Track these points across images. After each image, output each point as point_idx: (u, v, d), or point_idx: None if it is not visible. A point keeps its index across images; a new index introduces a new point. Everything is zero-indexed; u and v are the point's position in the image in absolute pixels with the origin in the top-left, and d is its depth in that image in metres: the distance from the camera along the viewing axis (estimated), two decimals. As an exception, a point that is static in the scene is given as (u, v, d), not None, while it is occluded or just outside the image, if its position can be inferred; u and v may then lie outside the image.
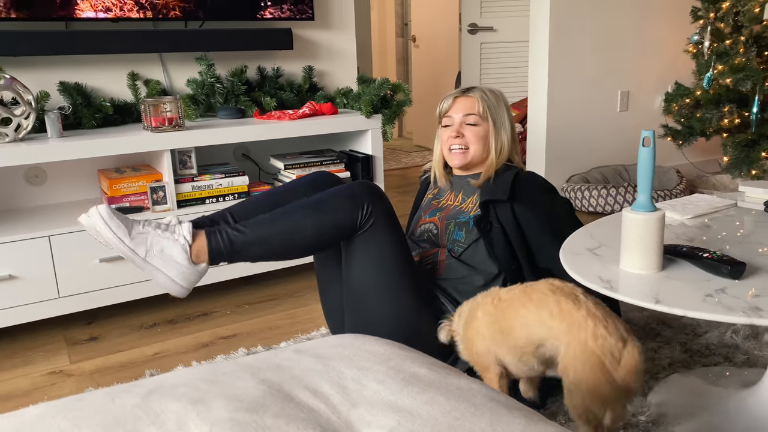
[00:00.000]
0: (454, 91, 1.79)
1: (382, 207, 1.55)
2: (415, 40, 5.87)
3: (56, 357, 1.98)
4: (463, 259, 1.68)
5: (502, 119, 1.75)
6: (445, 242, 1.72)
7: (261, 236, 1.49)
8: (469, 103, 1.74)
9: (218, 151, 2.66)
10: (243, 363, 0.90)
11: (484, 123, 1.73)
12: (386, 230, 1.55)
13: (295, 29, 2.78)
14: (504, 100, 1.78)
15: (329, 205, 1.53)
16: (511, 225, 1.65)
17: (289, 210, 1.53)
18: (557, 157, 3.59)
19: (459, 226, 1.71)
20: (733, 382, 1.61)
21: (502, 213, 1.66)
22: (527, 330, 1.24)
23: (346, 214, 1.52)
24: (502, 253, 1.64)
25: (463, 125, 1.74)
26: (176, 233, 1.44)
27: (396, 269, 1.56)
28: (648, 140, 1.19)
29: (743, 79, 2.99)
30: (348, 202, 1.52)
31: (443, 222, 1.74)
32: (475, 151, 1.74)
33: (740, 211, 1.62)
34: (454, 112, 1.76)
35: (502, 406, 0.80)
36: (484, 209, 1.66)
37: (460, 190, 1.79)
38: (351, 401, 0.78)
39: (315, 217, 1.51)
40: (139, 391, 0.79)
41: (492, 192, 1.67)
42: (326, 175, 1.75)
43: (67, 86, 2.33)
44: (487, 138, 1.74)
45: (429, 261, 1.72)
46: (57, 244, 2.02)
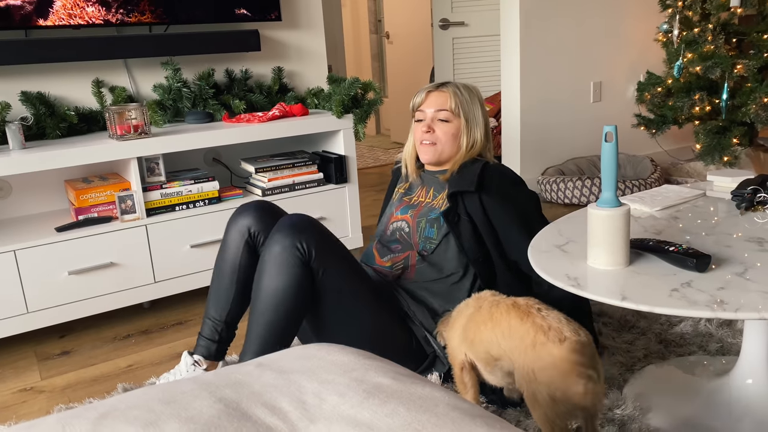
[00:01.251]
0: (428, 86, 1.77)
1: (312, 240, 1.51)
2: (389, 37, 5.85)
3: (27, 373, 1.94)
4: (435, 259, 1.67)
5: (476, 116, 1.73)
6: (417, 240, 1.71)
7: (254, 348, 1.50)
8: (442, 99, 1.72)
9: (188, 156, 2.62)
10: (202, 380, 0.88)
11: (455, 119, 1.72)
12: (328, 260, 1.53)
13: (262, 30, 2.74)
14: (479, 96, 1.77)
15: (272, 280, 1.49)
16: (479, 216, 1.65)
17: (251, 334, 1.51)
18: (532, 150, 3.60)
19: (430, 223, 1.70)
20: (708, 371, 1.62)
21: (471, 204, 1.66)
22: (486, 347, 1.30)
23: (294, 278, 1.48)
24: (470, 245, 1.63)
25: (434, 120, 1.72)
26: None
27: (352, 292, 1.57)
28: (610, 135, 1.19)
29: (712, 67, 3.01)
30: (286, 267, 1.49)
31: (414, 220, 1.73)
32: (445, 147, 1.72)
33: (708, 201, 1.62)
34: (426, 106, 1.74)
35: (465, 415, 0.79)
36: (452, 201, 1.66)
37: (431, 186, 1.78)
38: (309, 417, 0.77)
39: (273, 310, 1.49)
40: (91, 416, 0.77)
41: (459, 183, 1.66)
42: (248, 208, 1.70)
43: (30, 96, 2.28)
44: (458, 135, 1.72)
45: (399, 266, 1.71)
46: (23, 258, 1.98)
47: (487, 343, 1.29)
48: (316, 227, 1.54)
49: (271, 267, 1.50)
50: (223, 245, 1.71)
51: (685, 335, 1.83)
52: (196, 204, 2.30)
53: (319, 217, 2.53)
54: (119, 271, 2.15)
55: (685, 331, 1.85)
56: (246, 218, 1.68)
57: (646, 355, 1.73)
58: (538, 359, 1.16)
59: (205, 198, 2.32)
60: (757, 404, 1.41)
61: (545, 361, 1.15)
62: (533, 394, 1.18)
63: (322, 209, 2.55)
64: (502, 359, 1.26)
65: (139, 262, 2.18)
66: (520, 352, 1.19)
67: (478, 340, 1.31)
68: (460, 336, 1.39)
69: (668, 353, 1.74)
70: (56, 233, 2.06)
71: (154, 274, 2.22)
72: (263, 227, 1.67)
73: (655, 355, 1.73)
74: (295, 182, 2.49)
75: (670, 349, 1.76)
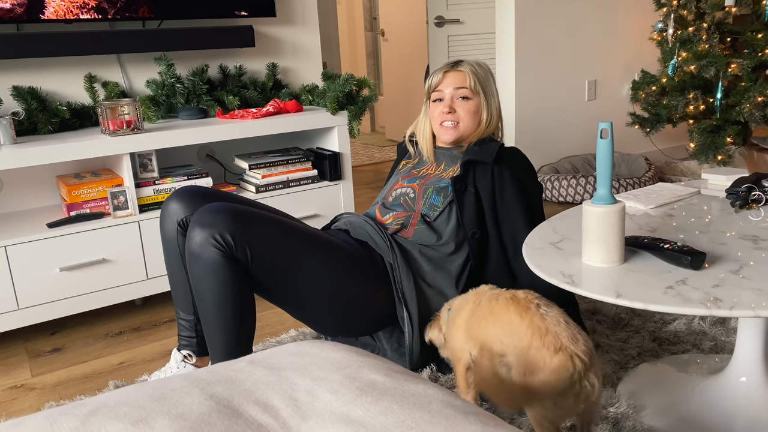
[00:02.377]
0: (443, 65, 1.77)
1: (230, 231, 1.41)
2: (384, 34, 5.84)
3: (17, 370, 1.92)
4: (435, 225, 1.66)
5: (492, 91, 1.76)
6: (421, 206, 1.70)
7: (220, 352, 1.47)
8: (460, 78, 1.72)
9: (182, 152, 2.61)
10: (193, 377, 0.87)
11: (475, 97, 1.73)
12: (260, 239, 1.44)
13: (256, 26, 2.73)
14: (491, 71, 1.79)
15: (205, 286, 1.42)
16: (486, 190, 1.65)
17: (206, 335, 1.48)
18: (526, 148, 3.59)
19: (438, 191, 1.70)
20: (701, 369, 1.62)
21: (481, 177, 1.67)
22: (488, 342, 1.28)
23: (224, 280, 1.40)
24: (469, 218, 1.64)
25: (454, 100, 1.73)
26: None
27: (298, 253, 1.49)
28: (606, 132, 1.18)
29: (707, 66, 3.01)
30: (219, 276, 1.40)
31: (422, 188, 1.73)
32: (467, 125, 1.73)
33: (703, 199, 1.62)
34: (444, 86, 1.74)
35: (458, 412, 0.78)
36: (464, 170, 1.66)
37: (442, 161, 1.78)
38: (301, 414, 0.76)
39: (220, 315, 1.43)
40: (80, 413, 0.76)
41: (478, 154, 1.68)
42: (172, 199, 1.64)
43: (21, 91, 2.26)
44: (479, 112, 1.74)
45: (399, 222, 1.69)
46: (14, 254, 1.96)
47: (491, 338, 1.26)
48: (228, 212, 1.43)
49: (198, 270, 1.42)
50: (162, 239, 1.66)
51: (679, 333, 1.83)
52: (190, 200, 2.28)
53: (314, 214, 2.52)
54: (111, 267, 2.13)
55: (679, 329, 1.85)
56: (174, 205, 1.62)
57: (639, 353, 1.73)
58: (533, 363, 1.15)
59: (198, 194, 2.30)
60: (751, 402, 1.41)
61: (539, 367, 1.14)
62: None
63: (317, 206, 2.54)
64: (506, 355, 1.23)
65: (131, 258, 2.16)
66: (518, 351, 1.18)
67: (483, 337, 1.29)
68: (464, 334, 1.36)
69: (662, 351, 1.74)
70: (48, 229, 2.04)
71: (147, 271, 2.20)
72: (192, 213, 1.59)
73: (649, 354, 1.73)
74: (289, 179, 2.48)
75: (663, 347, 1.76)
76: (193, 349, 1.69)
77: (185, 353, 1.68)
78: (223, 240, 1.40)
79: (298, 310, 1.60)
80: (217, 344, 1.46)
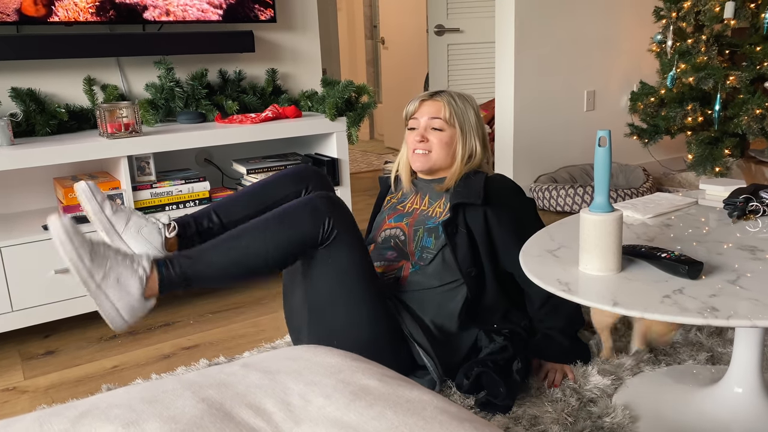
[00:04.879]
0: (421, 94, 1.77)
1: (343, 220, 1.49)
2: (384, 42, 5.85)
3: (10, 373, 1.91)
4: (429, 270, 1.66)
5: (470, 125, 1.72)
6: (413, 249, 1.69)
7: (216, 262, 1.41)
8: (435, 108, 1.71)
9: (180, 156, 2.60)
10: (186, 380, 0.86)
11: (449, 128, 1.71)
12: (348, 242, 1.50)
13: (256, 31, 2.73)
14: (473, 105, 1.76)
15: (289, 222, 1.45)
16: (479, 229, 1.64)
17: (247, 230, 1.45)
18: (525, 158, 3.60)
19: (428, 233, 1.68)
20: (698, 379, 1.61)
21: (472, 217, 1.65)
22: None
23: (308, 229, 1.45)
24: (464, 257, 1.62)
25: (428, 129, 1.72)
26: (135, 263, 1.33)
27: (357, 281, 1.52)
28: (604, 140, 1.18)
29: (705, 78, 3.02)
30: (309, 217, 1.46)
31: (411, 228, 1.72)
32: (438, 156, 1.71)
33: (701, 210, 1.62)
34: (419, 115, 1.73)
35: (452, 418, 0.78)
36: (454, 212, 1.64)
37: (425, 194, 1.77)
38: (294, 419, 0.75)
39: (274, 235, 1.44)
40: (70, 415, 0.75)
41: (465, 195, 1.65)
42: (310, 169, 1.68)
43: (20, 92, 2.26)
44: (452, 144, 1.71)
45: (392, 275, 1.69)
46: (9, 255, 1.95)
47: None
48: (350, 218, 1.52)
49: (290, 210, 1.47)
50: (272, 182, 1.66)
51: (676, 344, 1.82)
52: (187, 204, 2.28)
53: (311, 220, 2.51)
54: (107, 270, 2.12)
55: (676, 340, 1.85)
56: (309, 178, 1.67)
57: (636, 364, 1.72)
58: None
59: (195, 198, 2.30)
60: (746, 413, 1.40)
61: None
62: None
63: (314, 212, 2.53)
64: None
65: (127, 261, 2.15)
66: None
67: None
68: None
69: (658, 362, 1.73)
70: (43, 231, 2.03)
71: (142, 275, 2.19)
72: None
73: (645, 364, 1.72)
74: (286, 184, 2.47)
75: (660, 358, 1.76)
76: (180, 232, 1.54)
77: (172, 224, 1.53)
78: (330, 225, 1.46)
79: (318, 311, 1.57)
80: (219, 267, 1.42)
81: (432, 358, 1.58)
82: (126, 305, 1.31)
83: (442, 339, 1.64)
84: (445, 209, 1.70)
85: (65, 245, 1.26)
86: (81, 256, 1.27)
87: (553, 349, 1.68)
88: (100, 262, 1.29)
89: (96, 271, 1.28)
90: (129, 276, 1.31)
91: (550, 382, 1.64)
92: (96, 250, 1.30)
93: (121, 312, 1.31)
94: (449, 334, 1.65)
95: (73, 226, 1.28)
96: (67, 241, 1.26)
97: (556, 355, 1.68)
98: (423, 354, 1.59)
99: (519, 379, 1.54)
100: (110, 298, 1.30)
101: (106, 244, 1.35)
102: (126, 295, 1.31)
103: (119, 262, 1.31)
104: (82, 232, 1.30)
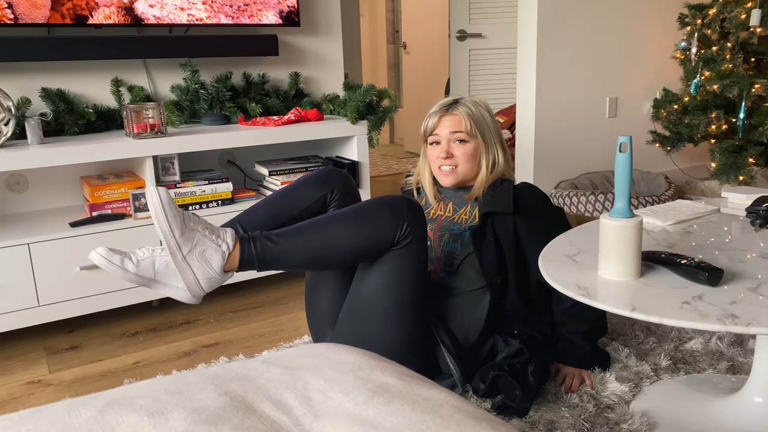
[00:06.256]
0: (437, 109, 1.75)
1: (419, 227, 1.49)
2: (406, 47, 5.88)
3: (35, 366, 1.95)
4: (457, 276, 1.67)
5: (490, 132, 1.73)
6: (439, 254, 1.70)
7: (296, 249, 1.43)
8: (455, 121, 1.71)
9: (203, 157, 2.64)
10: (208, 374, 0.88)
11: (472, 140, 1.71)
12: (417, 250, 1.50)
13: (280, 35, 2.77)
14: (488, 110, 1.76)
15: (370, 220, 1.45)
16: (507, 237, 1.65)
17: (327, 221, 1.46)
18: (546, 164, 3.59)
19: (454, 238, 1.69)
20: (717, 388, 1.60)
21: (500, 225, 1.65)
22: None
23: (387, 229, 1.45)
24: (490, 265, 1.63)
25: (451, 143, 1.71)
26: (221, 238, 1.39)
27: (412, 292, 1.52)
28: (625, 146, 1.18)
29: (730, 85, 2.99)
30: (390, 217, 1.45)
31: (436, 234, 1.73)
32: (464, 169, 1.72)
33: (723, 218, 1.61)
34: (440, 130, 1.72)
35: (469, 417, 0.79)
36: (482, 220, 1.65)
37: (449, 201, 1.78)
38: (314, 413, 0.77)
39: (355, 231, 1.44)
40: (98, 404, 0.77)
41: (495, 204, 1.66)
42: (333, 172, 1.67)
43: (50, 92, 2.31)
44: (477, 155, 1.72)
45: None
46: (37, 251, 2.00)
47: None
48: (424, 225, 1.52)
49: (370, 208, 1.46)
50: (296, 187, 1.64)
51: (695, 353, 1.81)
52: (210, 204, 2.32)
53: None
54: (130, 268, 2.16)
55: (695, 348, 1.83)
56: (334, 182, 1.65)
57: (655, 371, 1.71)
58: None
59: (218, 198, 2.33)
60: (766, 423, 1.39)
61: None
62: None
63: (334, 214, 2.55)
64: None
65: (150, 260, 2.19)
66: None
67: None
68: None
69: (677, 370, 1.72)
70: (70, 228, 2.08)
71: (165, 273, 2.22)
72: (342, 197, 1.63)
73: (664, 372, 1.71)
74: (307, 186, 2.50)
75: (679, 366, 1.74)
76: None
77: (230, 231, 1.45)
78: (408, 229, 1.46)
79: (359, 312, 1.56)
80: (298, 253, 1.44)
81: (457, 364, 1.59)
82: (206, 276, 1.38)
83: (465, 345, 1.65)
84: (471, 216, 1.71)
85: (159, 218, 1.33)
86: (173, 229, 1.34)
87: (574, 353, 1.68)
88: (189, 236, 1.35)
89: (184, 244, 1.35)
90: (213, 251, 1.37)
91: (567, 387, 1.64)
92: (186, 223, 1.36)
93: (201, 283, 1.38)
94: (472, 341, 1.65)
95: (168, 200, 1.34)
96: (161, 214, 1.33)
97: (575, 360, 1.68)
98: (449, 360, 1.60)
99: (534, 382, 1.54)
100: (193, 269, 1.36)
101: (196, 216, 1.40)
102: (208, 268, 1.37)
103: (206, 236, 1.38)
104: (176, 206, 1.37)
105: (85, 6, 2.24)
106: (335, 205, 1.62)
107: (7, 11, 2.11)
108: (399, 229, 1.46)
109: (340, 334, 1.58)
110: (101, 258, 1.33)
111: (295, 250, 1.43)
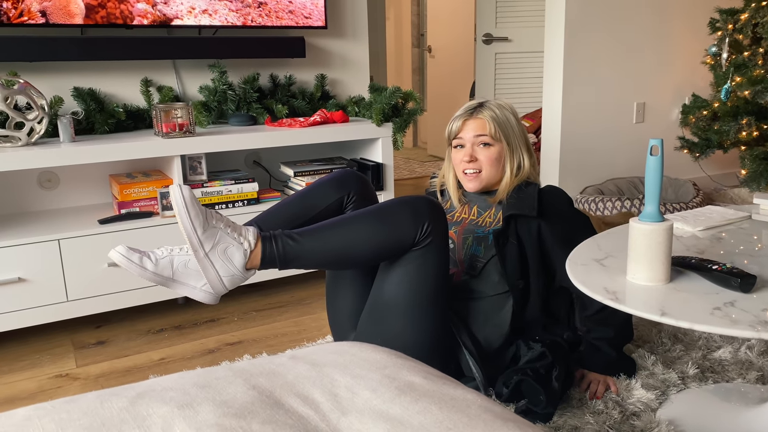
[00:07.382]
0: (461, 112, 1.74)
1: (440, 227, 1.49)
2: (431, 51, 5.88)
3: (63, 360, 1.99)
4: (480, 279, 1.66)
5: (515, 136, 1.71)
6: (463, 257, 1.70)
7: (317, 248, 1.44)
8: (479, 125, 1.70)
9: (229, 157, 2.67)
10: (237, 368, 0.89)
11: (497, 144, 1.70)
12: (438, 250, 1.49)
13: (307, 37, 2.78)
14: (514, 113, 1.74)
15: (391, 220, 1.45)
16: (531, 241, 1.63)
17: (348, 220, 1.47)
18: (572, 169, 3.56)
19: (477, 241, 1.69)
20: (746, 398, 1.57)
21: (524, 228, 1.64)
22: None
23: (407, 229, 1.45)
24: (512, 269, 1.62)
25: (475, 147, 1.71)
26: (243, 236, 1.40)
27: (433, 292, 1.51)
28: (656, 149, 1.17)
29: (762, 92, 2.94)
30: (410, 217, 1.45)
31: (460, 237, 1.72)
32: (488, 173, 1.71)
33: (754, 224, 1.58)
34: (464, 133, 1.72)
35: (497, 417, 0.78)
36: (506, 223, 1.64)
37: (474, 204, 1.77)
38: (341, 409, 0.77)
39: (376, 231, 1.44)
40: (129, 395, 0.79)
41: (518, 207, 1.65)
42: (350, 174, 1.67)
43: (81, 92, 2.36)
44: (501, 159, 1.71)
45: None
46: (66, 247, 2.04)
47: None
48: (445, 226, 1.51)
49: (391, 208, 1.46)
50: (313, 189, 1.64)
51: (724, 362, 1.78)
52: (236, 204, 2.34)
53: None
54: (157, 265, 2.19)
55: (724, 357, 1.80)
56: (351, 184, 1.64)
57: (682, 379, 1.69)
58: None
59: (244, 198, 2.35)
60: (799, 435, 1.36)
61: None
62: None
63: (358, 216, 2.56)
64: None
65: (176, 257, 2.22)
66: None
67: None
68: None
69: (705, 378, 1.69)
70: (99, 225, 2.12)
71: (190, 271, 2.25)
72: (359, 199, 1.63)
73: (692, 380, 1.68)
74: (332, 188, 2.51)
75: (707, 375, 1.72)
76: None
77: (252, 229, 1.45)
78: (428, 230, 1.46)
79: (379, 312, 1.55)
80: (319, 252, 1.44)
81: (480, 367, 1.58)
82: (228, 274, 1.39)
83: (488, 350, 1.64)
84: (496, 219, 1.70)
85: (182, 215, 1.34)
86: (195, 227, 1.35)
87: (599, 359, 1.66)
88: (211, 233, 1.36)
89: (206, 242, 1.36)
90: (235, 249, 1.38)
91: (592, 393, 1.62)
92: (209, 221, 1.37)
93: (224, 280, 1.39)
94: (494, 346, 1.65)
95: (191, 198, 1.36)
96: (184, 212, 1.34)
97: (601, 366, 1.66)
98: (472, 363, 1.59)
99: (558, 386, 1.53)
100: (215, 266, 1.38)
101: (219, 214, 1.41)
102: (230, 265, 1.38)
103: (228, 234, 1.39)
104: (199, 204, 1.38)
105: (120, 15, 2.28)
106: (352, 207, 1.63)
107: (38, 14, 2.15)
108: (419, 229, 1.45)
109: (363, 334, 1.58)
110: (121, 256, 1.34)
111: (316, 249, 1.43)
